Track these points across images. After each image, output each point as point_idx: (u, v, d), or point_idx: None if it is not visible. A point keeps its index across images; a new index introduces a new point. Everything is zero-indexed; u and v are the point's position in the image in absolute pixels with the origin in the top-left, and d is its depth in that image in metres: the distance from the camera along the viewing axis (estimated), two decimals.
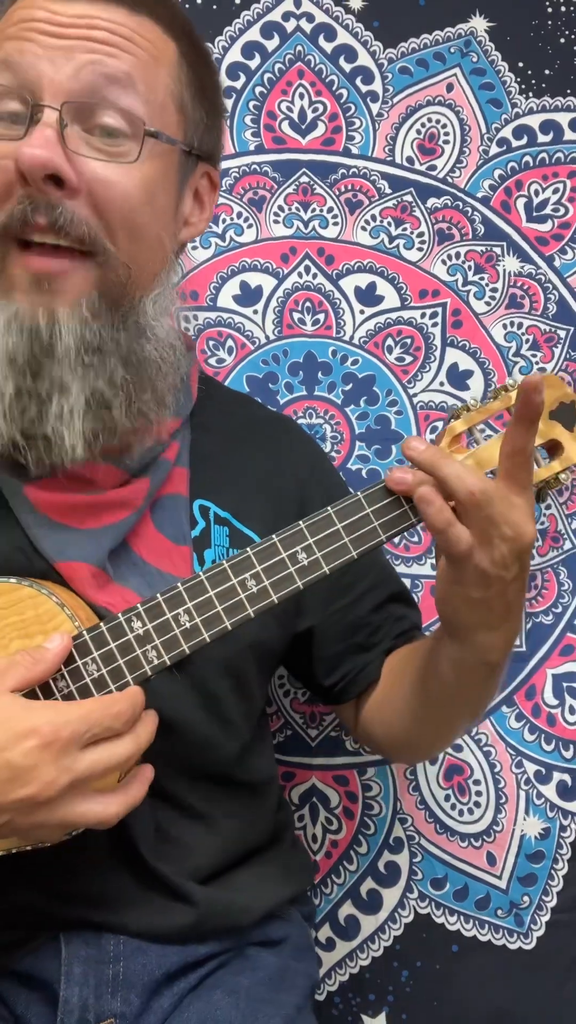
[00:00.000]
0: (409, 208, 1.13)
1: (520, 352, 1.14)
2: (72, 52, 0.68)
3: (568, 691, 1.08)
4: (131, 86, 0.69)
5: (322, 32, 1.13)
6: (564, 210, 1.14)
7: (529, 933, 1.04)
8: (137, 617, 0.67)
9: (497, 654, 0.71)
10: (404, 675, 0.83)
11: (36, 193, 0.67)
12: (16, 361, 0.69)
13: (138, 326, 0.73)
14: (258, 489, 0.85)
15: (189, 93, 0.75)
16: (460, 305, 1.14)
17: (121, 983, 0.72)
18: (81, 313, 0.69)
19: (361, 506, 0.69)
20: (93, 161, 0.68)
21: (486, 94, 1.14)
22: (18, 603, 0.69)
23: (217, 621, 0.67)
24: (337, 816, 1.07)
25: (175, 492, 0.80)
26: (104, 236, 0.69)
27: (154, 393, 0.75)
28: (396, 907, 1.05)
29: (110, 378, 0.71)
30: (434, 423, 1.12)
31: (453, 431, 0.71)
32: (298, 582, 0.68)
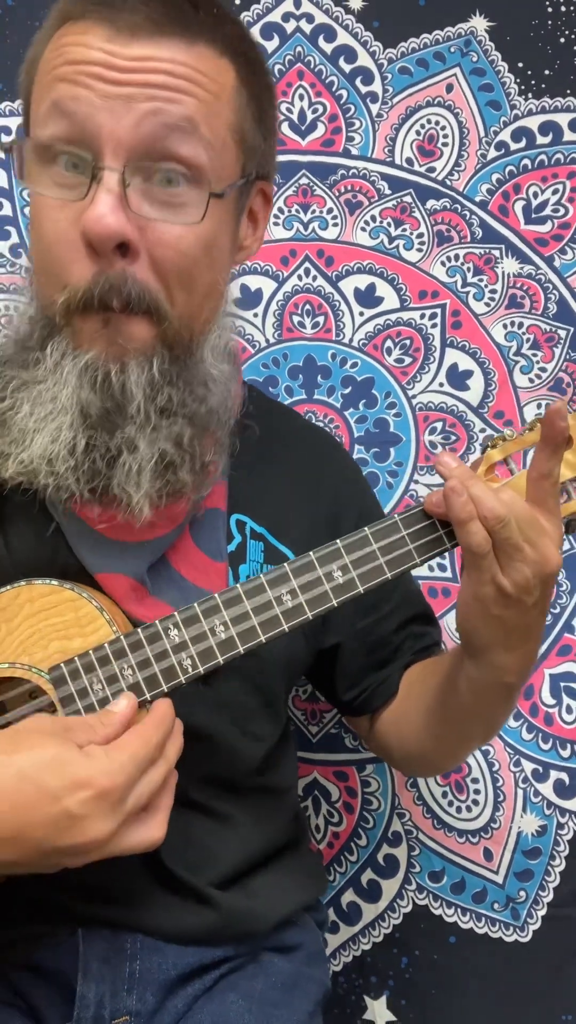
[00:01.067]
0: (409, 209, 1.13)
1: (521, 352, 1.14)
2: (131, 101, 0.64)
3: (565, 691, 1.10)
4: (193, 132, 0.66)
5: (322, 33, 1.13)
6: (564, 210, 1.15)
7: (525, 927, 1.07)
8: (174, 626, 0.69)
9: (513, 676, 0.72)
10: (421, 691, 0.85)
11: (107, 265, 0.66)
12: (90, 415, 0.69)
13: (197, 381, 0.73)
14: (293, 504, 0.86)
15: (249, 121, 0.72)
16: (459, 306, 1.14)
17: (137, 981, 0.73)
18: (151, 372, 0.70)
19: (397, 528, 0.70)
20: (155, 223, 0.67)
21: (485, 95, 1.14)
22: (59, 605, 0.70)
23: (252, 634, 0.69)
24: (337, 810, 1.10)
25: (213, 507, 0.80)
26: (164, 299, 0.69)
27: (216, 445, 0.76)
28: (395, 897, 1.08)
29: (176, 439, 0.71)
30: (433, 423, 1.13)
31: (490, 459, 0.72)
32: (333, 600, 0.69)
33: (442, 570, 1.12)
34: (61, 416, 0.69)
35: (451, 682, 0.76)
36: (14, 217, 1.11)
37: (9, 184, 1.10)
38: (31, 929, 0.75)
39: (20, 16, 1.09)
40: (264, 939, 0.82)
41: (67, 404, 0.69)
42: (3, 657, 0.70)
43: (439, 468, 0.69)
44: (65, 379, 0.69)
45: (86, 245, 0.66)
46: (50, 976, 0.75)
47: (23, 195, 1.10)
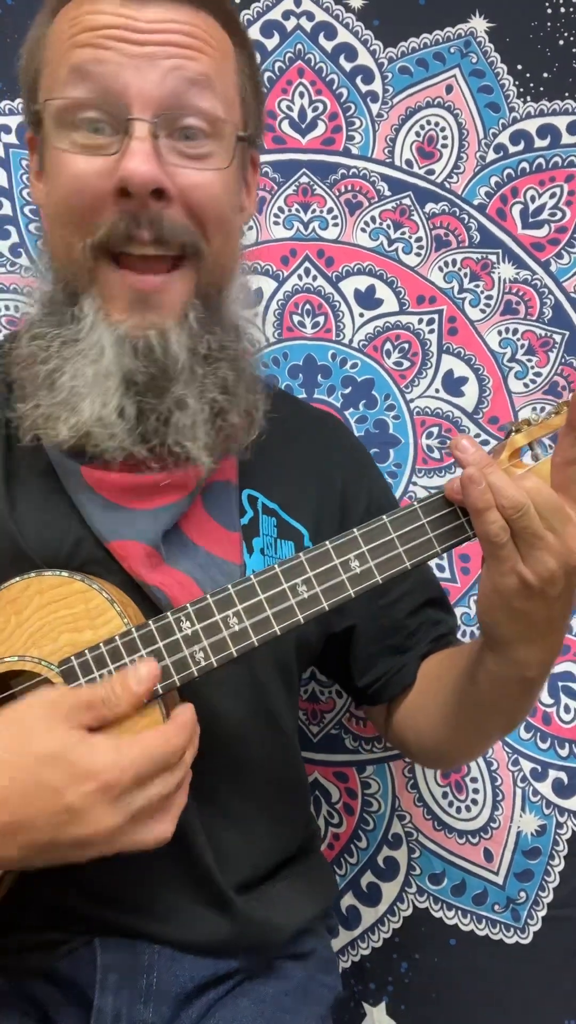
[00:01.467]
0: (408, 212, 1.13)
1: (515, 358, 1.15)
2: (154, 59, 0.68)
3: (564, 690, 1.11)
4: (210, 87, 0.71)
5: (322, 31, 1.12)
6: (561, 214, 1.15)
7: (526, 928, 1.08)
8: (187, 617, 0.67)
9: (535, 670, 0.70)
10: (440, 683, 0.83)
11: (137, 208, 0.68)
12: (136, 382, 0.71)
13: (228, 323, 0.76)
14: (304, 483, 0.86)
15: (247, 83, 0.77)
16: (456, 312, 1.14)
17: (154, 994, 0.73)
18: (189, 325, 0.72)
19: (417, 516, 0.68)
20: (186, 170, 0.70)
21: (485, 97, 1.14)
22: (69, 597, 0.69)
23: (266, 625, 0.67)
24: (338, 811, 1.10)
25: (225, 479, 0.80)
26: (201, 239, 0.72)
27: (253, 386, 0.78)
28: (395, 901, 1.08)
29: (223, 385, 0.74)
30: (430, 428, 1.13)
31: (514, 444, 0.69)
32: (350, 590, 0.67)
33: (440, 571, 1.12)
34: (108, 379, 0.71)
35: (470, 675, 0.75)
36: (14, 217, 1.08)
37: (9, 183, 1.08)
38: (47, 936, 0.74)
39: (20, 16, 1.07)
40: (279, 948, 0.81)
41: (111, 369, 0.71)
42: (13, 650, 0.68)
43: (456, 454, 0.67)
44: (102, 345, 0.71)
45: (118, 195, 0.68)
46: (66, 985, 0.74)
47: (23, 195, 1.08)
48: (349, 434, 0.98)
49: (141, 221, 0.69)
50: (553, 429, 0.69)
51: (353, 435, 0.99)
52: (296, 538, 0.84)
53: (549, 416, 0.70)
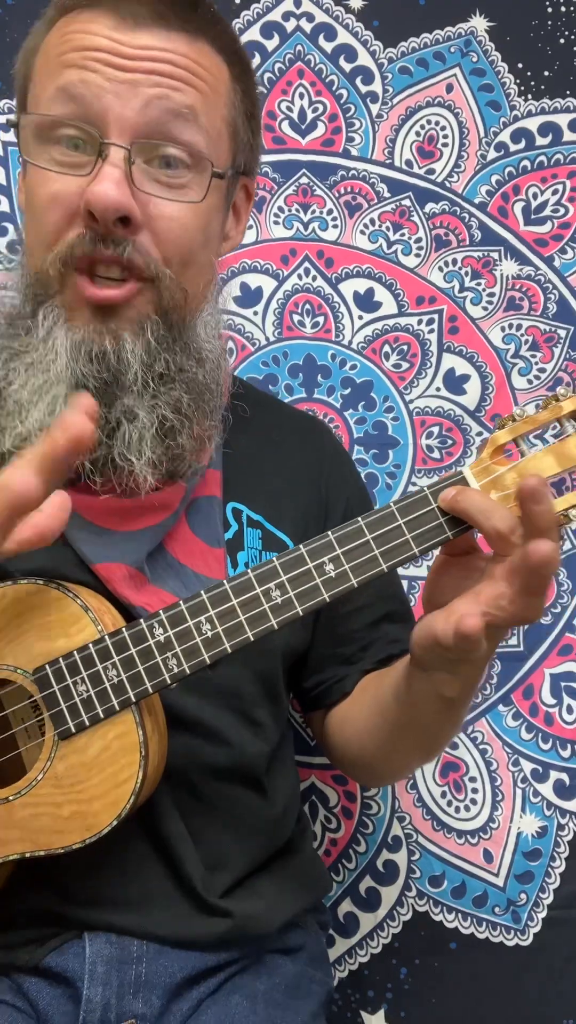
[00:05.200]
0: (407, 213, 1.13)
1: (519, 354, 1.14)
2: (137, 86, 0.68)
3: (567, 691, 1.10)
4: (194, 120, 0.70)
5: (322, 32, 1.12)
6: (564, 210, 1.15)
7: (526, 930, 1.06)
8: (159, 624, 0.67)
9: (451, 691, 0.68)
10: (367, 694, 0.84)
11: (104, 232, 0.68)
12: (87, 388, 0.70)
13: (191, 350, 0.75)
14: (288, 491, 0.86)
15: (240, 117, 0.76)
16: (457, 311, 1.14)
17: (143, 984, 0.73)
18: (146, 338, 0.71)
19: (394, 517, 0.66)
20: (158, 199, 0.70)
21: (485, 96, 1.14)
22: (44, 605, 0.68)
23: (239, 631, 0.66)
24: (336, 815, 1.09)
25: (209, 495, 0.80)
26: (163, 265, 0.71)
27: (211, 416, 0.77)
28: (395, 905, 1.07)
29: (176, 405, 0.73)
30: (430, 428, 1.13)
31: (496, 442, 0.66)
32: (324, 594, 0.66)
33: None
34: (56, 387, 0.70)
35: (395, 690, 0.75)
36: (11, 214, 1.10)
37: (8, 181, 1.09)
38: (35, 932, 0.74)
39: (20, 15, 1.09)
40: (269, 941, 0.81)
41: (61, 375, 0.70)
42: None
43: (443, 504, 0.64)
44: (57, 350, 0.70)
45: (86, 217, 0.68)
46: (56, 979, 0.74)
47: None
48: (331, 437, 0.97)
49: (106, 240, 0.69)
50: (538, 424, 0.66)
51: (335, 437, 0.99)
52: (281, 549, 0.84)
53: (536, 412, 0.66)
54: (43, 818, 0.67)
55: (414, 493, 0.66)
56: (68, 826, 0.67)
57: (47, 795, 0.67)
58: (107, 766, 0.67)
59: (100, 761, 0.67)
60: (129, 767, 0.66)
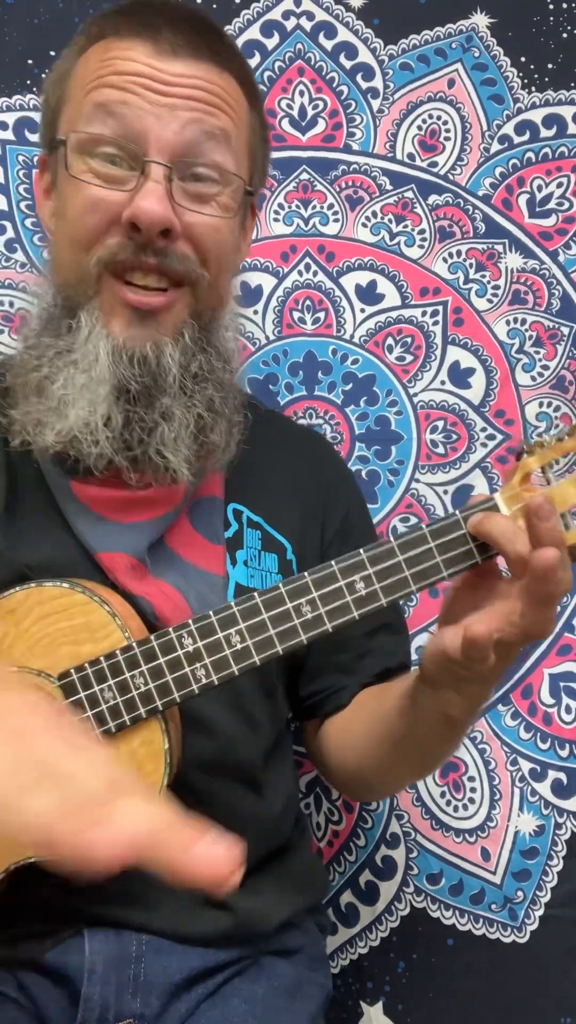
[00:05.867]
0: (410, 205, 1.13)
1: (523, 349, 1.13)
2: (176, 110, 0.73)
3: (565, 691, 1.09)
4: (225, 141, 0.76)
5: (322, 30, 1.12)
6: (569, 204, 1.13)
7: (523, 927, 1.05)
8: (189, 635, 0.67)
9: (456, 711, 0.69)
10: (368, 709, 0.84)
11: (145, 241, 0.73)
12: (127, 391, 0.74)
13: (219, 350, 0.80)
14: (288, 497, 0.89)
15: (258, 142, 0.83)
16: (461, 303, 1.13)
17: (142, 984, 0.73)
18: (184, 342, 0.76)
19: (425, 540, 0.67)
20: (194, 214, 0.75)
21: (488, 90, 1.13)
22: (69, 608, 0.69)
23: (269, 645, 0.67)
24: (337, 808, 1.09)
25: (211, 494, 0.83)
26: (201, 268, 0.76)
27: (236, 411, 0.82)
28: (393, 900, 1.07)
29: (209, 404, 0.78)
30: (434, 422, 1.12)
31: (526, 467, 0.67)
32: (354, 612, 0.66)
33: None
34: (99, 387, 0.74)
35: (399, 707, 0.75)
36: (10, 212, 1.11)
37: (5, 179, 1.11)
38: (36, 927, 0.75)
39: (20, 15, 1.10)
40: (266, 942, 0.81)
41: (104, 376, 0.74)
42: (11, 660, 0.68)
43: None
44: (99, 353, 0.74)
45: (128, 227, 0.72)
46: (55, 976, 0.74)
47: (20, 190, 1.11)
48: (333, 451, 1.01)
49: (147, 250, 0.73)
50: (567, 451, 0.67)
51: (337, 452, 1.03)
52: (279, 551, 0.86)
53: (564, 439, 0.67)
54: None
55: (446, 517, 0.67)
56: None
57: None
58: (132, 772, 0.67)
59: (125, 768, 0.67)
60: (154, 773, 0.67)
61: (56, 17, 1.10)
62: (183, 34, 0.75)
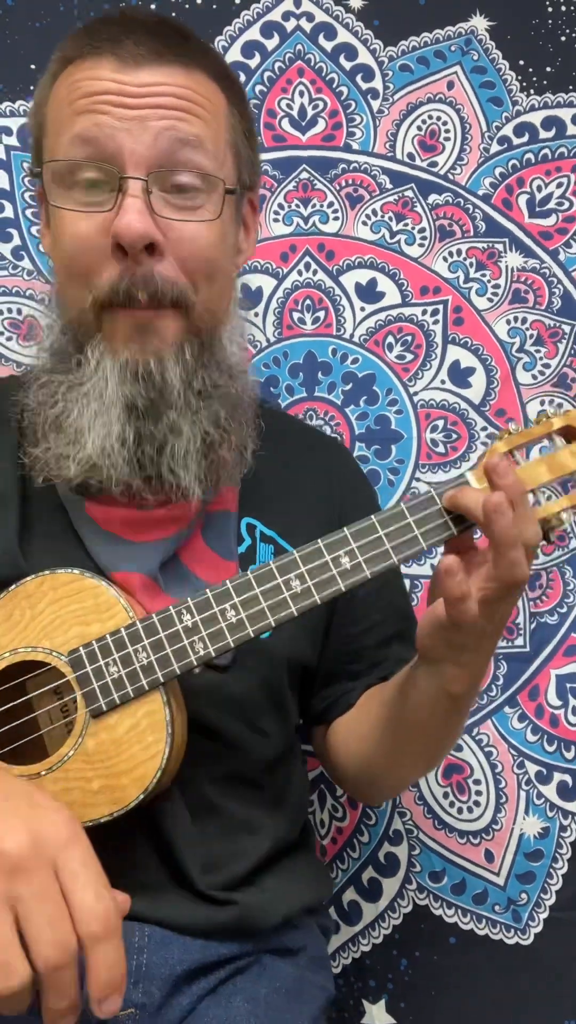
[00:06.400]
0: (410, 203, 1.13)
1: (524, 348, 1.13)
2: (146, 121, 0.73)
3: (572, 692, 1.08)
4: (200, 145, 0.75)
5: (322, 31, 1.13)
6: (568, 204, 1.14)
7: (527, 929, 1.05)
8: (187, 611, 0.71)
9: (460, 687, 0.71)
10: (373, 702, 0.85)
11: (134, 265, 0.73)
12: (136, 407, 0.75)
13: (222, 366, 0.80)
14: (303, 510, 0.89)
15: (240, 137, 0.81)
16: (461, 302, 1.13)
17: (144, 975, 0.73)
18: (184, 358, 0.77)
19: (403, 515, 0.71)
20: (176, 223, 0.74)
21: (487, 92, 1.13)
22: (79, 592, 0.73)
23: (262, 616, 0.70)
24: (341, 804, 1.09)
25: (224, 509, 0.84)
26: (189, 291, 0.76)
27: (247, 427, 0.82)
28: (395, 897, 1.07)
29: (215, 419, 0.78)
30: (435, 421, 1.12)
31: (495, 451, 0.72)
32: (340, 584, 0.70)
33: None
34: (111, 410, 0.75)
35: (401, 692, 0.77)
36: (16, 219, 1.12)
37: (11, 186, 1.12)
38: None
39: (20, 16, 1.11)
40: (267, 940, 0.81)
41: (113, 399, 0.75)
42: (27, 640, 0.73)
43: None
44: (107, 377, 0.75)
45: (114, 249, 0.73)
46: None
47: (25, 197, 1.12)
48: (350, 459, 1.01)
49: (137, 282, 0.73)
50: (534, 437, 0.72)
51: (354, 460, 1.02)
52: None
53: (530, 426, 0.73)
54: (73, 792, 0.70)
55: (422, 494, 0.71)
56: (97, 800, 0.70)
57: (77, 770, 0.70)
58: (136, 742, 0.70)
59: (129, 738, 0.70)
60: (157, 743, 0.70)
61: (57, 20, 1.10)
62: (145, 42, 0.74)
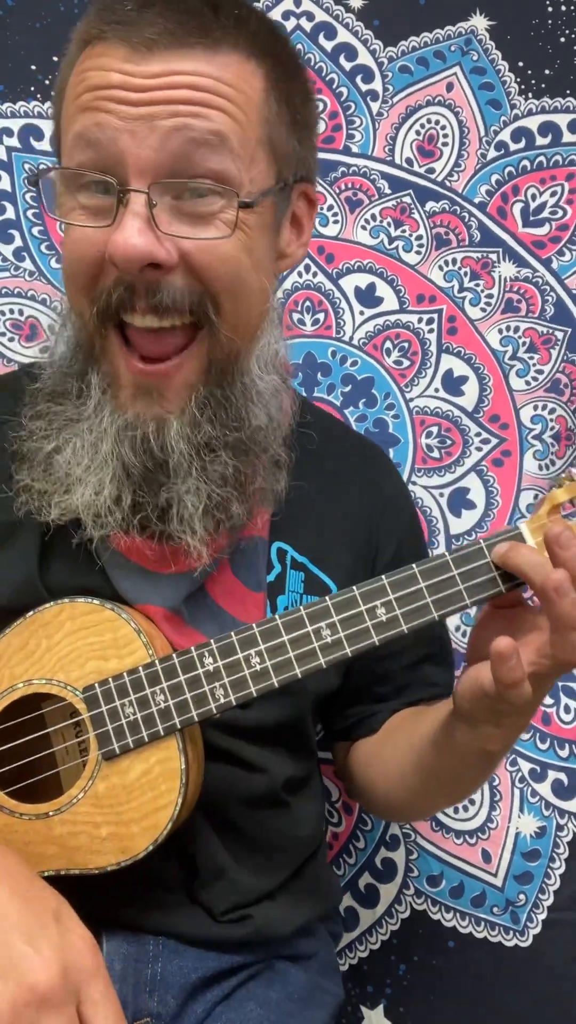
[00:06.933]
0: (408, 210, 1.13)
1: (517, 355, 1.14)
2: (153, 120, 0.63)
3: (563, 691, 1.10)
4: (221, 145, 0.64)
5: (322, 31, 1.12)
6: (562, 212, 1.15)
7: (525, 931, 1.06)
8: (209, 654, 0.67)
9: (498, 745, 0.69)
10: (400, 738, 0.83)
11: (133, 278, 0.65)
12: (132, 475, 0.70)
13: (246, 389, 0.72)
14: (337, 532, 0.84)
15: (280, 126, 0.69)
16: (456, 312, 1.14)
17: (159, 984, 0.73)
18: (191, 413, 0.70)
19: (448, 567, 0.66)
20: (190, 239, 0.66)
21: (486, 94, 1.14)
22: (98, 624, 0.70)
23: (288, 667, 0.66)
24: (337, 810, 1.09)
25: (255, 535, 0.79)
26: (208, 303, 0.68)
27: (265, 466, 0.75)
28: (393, 903, 1.07)
29: (221, 478, 0.71)
30: (429, 427, 1.13)
31: (554, 499, 0.67)
32: (374, 637, 0.66)
33: None
34: (103, 470, 0.70)
35: (433, 741, 0.74)
36: (17, 220, 1.09)
37: (12, 187, 1.09)
38: None
39: (20, 16, 1.08)
40: (281, 946, 0.81)
41: (107, 458, 0.70)
42: (42, 672, 0.70)
43: (555, 549, 0.62)
44: (105, 429, 0.70)
45: (112, 266, 0.66)
46: None
47: (26, 198, 1.09)
48: (391, 469, 0.94)
49: (138, 289, 0.66)
50: None
51: (397, 475, 0.95)
52: (323, 592, 0.82)
53: None
54: (80, 837, 0.67)
55: (469, 544, 0.67)
56: (104, 847, 0.67)
57: (86, 814, 0.67)
58: (147, 790, 0.67)
59: (141, 785, 0.67)
60: (169, 793, 0.67)
61: (57, 20, 1.08)
62: (161, 20, 0.63)
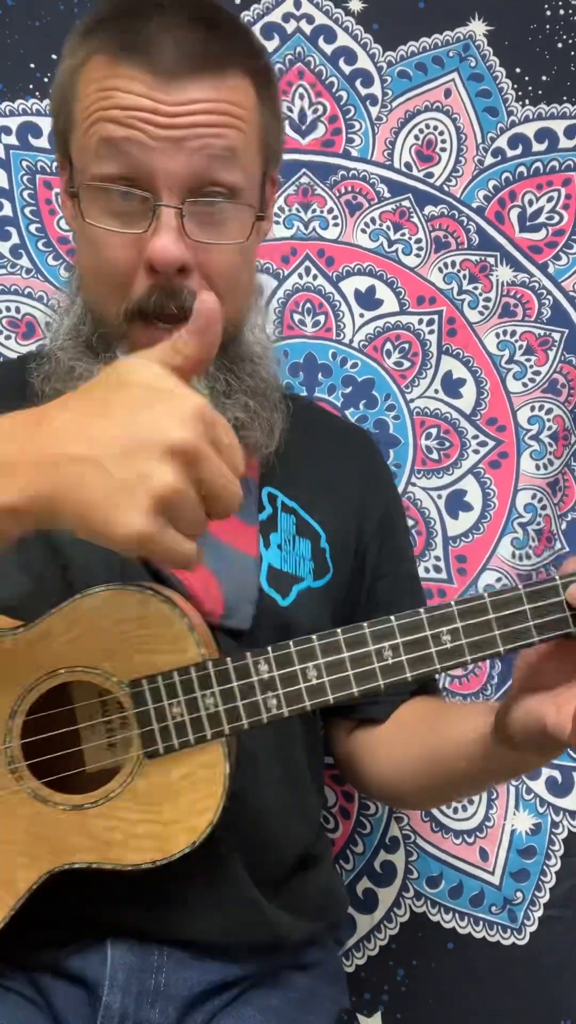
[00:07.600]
0: (407, 214, 1.14)
1: (514, 359, 1.15)
2: (182, 142, 0.72)
3: None
4: (233, 158, 0.75)
5: (322, 34, 1.13)
6: (559, 218, 1.16)
7: (522, 929, 1.07)
8: (266, 661, 0.66)
9: (533, 768, 0.73)
10: (418, 736, 0.84)
11: (165, 282, 0.74)
12: None
13: (243, 358, 0.82)
14: (325, 488, 0.90)
15: (269, 128, 0.80)
16: (455, 313, 1.15)
17: (162, 995, 0.73)
18: (209, 371, 0.78)
19: (520, 601, 0.65)
20: (208, 248, 0.76)
21: (483, 101, 1.15)
22: (147, 616, 0.68)
23: (345, 685, 0.66)
24: (333, 815, 1.09)
25: (245, 477, 0.79)
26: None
27: (275, 409, 0.84)
28: (392, 906, 1.07)
29: (244, 407, 0.80)
30: (428, 429, 1.13)
31: None
32: (436, 664, 0.65)
33: (437, 571, 1.12)
34: None
35: (466, 753, 0.75)
36: (14, 217, 1.09)
37: (9, 185, 1.09)
38: (58, 933, 0.75)
39: (20, 16, 1.08)
40: (288, 955, 0.81)
41: None
42: (84, 660, 0.67)
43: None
44: None
45: (147, 268, 0.74)
46: (74, 980, 0.74)
47: (24, 196, 1.10)
48: (376, 449, 1.01)
49: (168, 295, 0.75)
50: None
51: (379, 449, 1.03)
52: (314, 537, 0.87)
53: None
54: (116, 832, 0.67)
55: (545, 580, 0.66)
56: (141, 844, 0.66)
57: (124, 809, 0.67)
58: (189, 792, 0.66)
59: (182, 786, 0.67)
60: (210, 798, 0.66)
61: (57, 19, 1.08)
62: (177, 50, 0.72)
